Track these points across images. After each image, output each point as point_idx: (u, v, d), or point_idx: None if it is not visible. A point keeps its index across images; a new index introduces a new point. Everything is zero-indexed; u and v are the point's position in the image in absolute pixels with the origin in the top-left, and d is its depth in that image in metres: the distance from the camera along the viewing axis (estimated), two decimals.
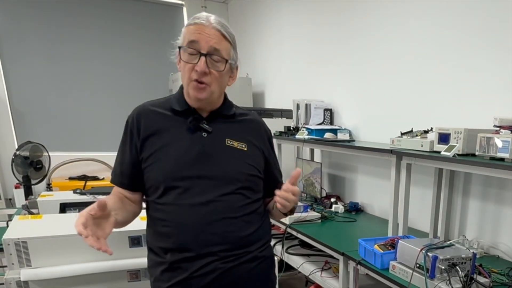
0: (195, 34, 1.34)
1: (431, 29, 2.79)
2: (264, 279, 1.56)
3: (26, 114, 5.16)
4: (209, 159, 1.41)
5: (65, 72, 5.25)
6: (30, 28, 5.02)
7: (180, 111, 1.44)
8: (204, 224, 1.38)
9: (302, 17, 4.31)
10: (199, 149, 1.40)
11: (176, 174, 1.38)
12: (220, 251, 1.39)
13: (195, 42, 1.34)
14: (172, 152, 1.39)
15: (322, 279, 2.82)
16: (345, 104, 3.79)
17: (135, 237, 2.03)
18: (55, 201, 2.83)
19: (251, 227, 1.47)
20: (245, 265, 1.45)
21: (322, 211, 3.39)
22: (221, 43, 1.37)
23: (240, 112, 1.56)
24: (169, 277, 1.41)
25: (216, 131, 1.44)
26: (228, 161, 1.43)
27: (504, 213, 2.44)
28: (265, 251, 1.54)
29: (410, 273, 1.93)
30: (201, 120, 1.44)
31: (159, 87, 5.65)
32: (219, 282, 1.40)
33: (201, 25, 1.35)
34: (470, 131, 2.16)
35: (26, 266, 1.82)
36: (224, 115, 1.49)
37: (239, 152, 1.46)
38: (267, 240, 1.57)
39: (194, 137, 1.42)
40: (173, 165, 1.39)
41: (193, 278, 1.38)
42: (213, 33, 1.35)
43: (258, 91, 5.33)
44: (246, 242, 1.45)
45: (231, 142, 1.46)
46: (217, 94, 1.44)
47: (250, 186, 1.46)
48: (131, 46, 5.57)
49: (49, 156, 4.72)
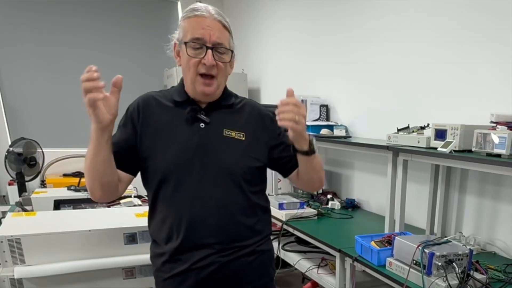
0: (198, 30, 1.34)
1: (428, 25, 2.78)
2: (262, 272, 1.56)
3: (19, 110, 5.11)
4: (207, 150, 1.41)
5: (58, 68, 5.19)
6: (23, 23, 4.96)
7: (180, 102, 1.44)
8: (201, 216, 1.39)
9: (298, 13, 4.29)
10: (197, 140, 1.40)
11: (174, 165, 1.39)
12: (216, 243, 1.40)
13: (200, 38, 1.34)
14: (170, 143, 1.40)
15: (318, 276, 2.81)
16: (342, 100, 3.78)
17: (130, 234, 2.02)
18: (49, 198, 2.82)
19: (249, 220, 1.47)
20: (243, 258, 1.46)
21: (318, 207, 3.38)
22: (223, 34, 1.38)
23: (239, 100, 1.55)
24: (169, 268, 1.44)
25: (214, 122, 1.44)
26: (225, 152, 1.43)
27: (501, 209, 2.44)
28: (263, 245, 1.54)
29: (407, 269, 1.92)
30: (199, 110, 1.44)
31: (154, 83, 5.60)
32: (218, 275, 1.42)
33: (202, 17, 1.35)
34: (467, 127, 2.15)
35: (20, 264, 1.81)
36: (223, 105, 1.49)
37: (237, 142, 1.45)
38: (266, 234, 1.57)
39: (192, 128, 1.42)
40: (171, 156, 1.39)
41: (192, 270, 1.41)
42: (215, 24, 1.36)
43: (254, 87, 5.31)
44: (244, 235, 1.46)
45: (229, 132, 1.45)
46: (222, 86, 1.45)
47: (248, 178, 1.45)
48: (125, 42, 5.52)
49: (42, 152, 4.68)
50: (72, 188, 3.16)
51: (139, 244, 2.01)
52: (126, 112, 1.46)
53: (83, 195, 3.03)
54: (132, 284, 2.02)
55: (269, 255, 1.59)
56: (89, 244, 1.93)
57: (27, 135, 4.67)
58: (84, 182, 4.14)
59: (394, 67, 3.10)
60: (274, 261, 1.66)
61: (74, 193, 3.05)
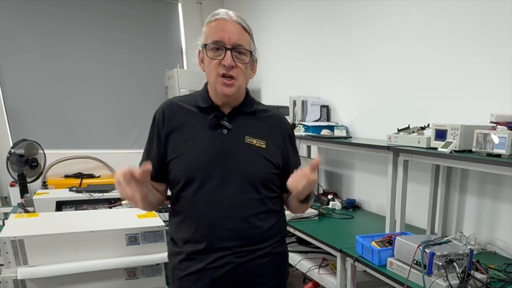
0: (217, 32, 1.38)
1: (427, 26, 2.78)
2: (276, 274, 1.60)
3: (20, 112, 5.12)
4: (228, 156, 1.45)
5: (60, 69, 5.21)
6: (25, 25, 4.97)
7: (204, 108, 1.48)
8: (220, 219, 1.44)
9: (298, 14, 4.30)
10: (219, 146, 1.45)
11: (196, 169, 1.43)
12: (234, 246, 1.45)
13: (219, 40, 1.38)
14: (193, 148, 1.44)
15: (319, 276, 2.82)
16: (342, 100, 3.79)
17: (132, 235, 2.03)
18: (51, 199, 2.83)
19: (266, 224, 1.52)
20: (258, 260, 1.51)
21: (319, 208, 3.38)
22: (243, 36, 1.42)
23: (262, 108, 1.59)
24: (185, 266, 1.49)
25: (236, 128, 1.48)
26: (246, 159, 1.47)
27: (501, 209, 2.44)
28: (279, 247, 1.59)
29: (407, 269, 1.93)
30: (223, 117, 1.48)
31: (155, 84, 5.63)
32: (232, 275, 1.47)
33: (222, 20, 1.39)
34: (467, 128, 2.16)
35: (23, 265, 1.82)
36: (246, 112, 1.53)
37: (258, 149, 1.49)
38: (281, 236, 1.62)
39: (214, 134, 1.46)
40: (193, 160, 1.43)
41: (207, 269, 1.46)
42: (234, 26, 1.40)
43: (254, 88, 5.31)
44: (260, 238, 1.51)
45: (251, 139, 1.49)
46: (243, 88, 1.49)
47: (267, 183, 1.50)
48: (126, 43, 5.53)
49: (44, 153, 4.70)
50: (73, 190, 3.17)
51: (141, 245, 2.02)
52: (153, 120, 1.51)
53: (84, 196, 3.04)
54: (134, 285, 2.04)
55: (284, 257, 1.65)
56: (92, 245, 1.94)
57: (28, 137, 4.70)
58: (85, 184, 4.17)
59: (394, 68, 3.11)
60: (288, 263, 1.70)
61: (76, 194, 3.06)
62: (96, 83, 5.42)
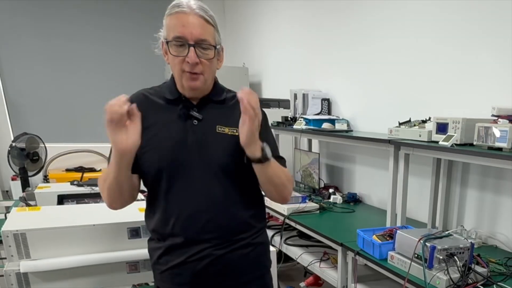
0: (178, 27, 1.32)
1: (430, 19, 2.77)
2: (258, 264, 1.58)
3: (21, 105, 5.12)
4: (201, 147, 1.41)
5: (60, 63, 5.21)
6: (25, 19, 4.96)
7: (172, 100, 1.43)
8: (196, 212, 1.41)
9: (299, 6, 4.28)
10: (190, 137, 1.41)
11: (168, 162, 1.39)
12: (213, 238, 1.43)
13: (181, 36, 1.32)
14: (164, 140, 1.40)
15: (320, 269, 2.83)
16: (343, 94, 3.78)
17: (134, 228, 2.02)
18: (52, 193, 2.83)
19: (244, 214, 1.49)
20: (238, 251, 1.48)
21: (320, 202, 3.39)
22: (206, 30, 1.35)
23: (231, 95, 1.52)
24: (166, 260, 1.47)
25: (206, 118, 1.44)
26: (218, 148, 1.43)
27: (502, 203, 2.44)
28: (259, 237, 1.56)
29: (408, 263, 1.93)
30: (192, 107, 1.43)
31: (155, 77, 5.58)
32: (214, 267, 1.44)
33: (182, 13, 1.32)
34: (468, 121, 2.16)
35: (25, 258, 1.82)
36: (215, 101, 1.48)
37: (230, 138, 1.43)
38: (261, 226, 1.58)
39: (185, 125, 1.42)
40: (165, 153, 1.39)
41: (188, 262, 1.43)
42: (196, 20, 1.33)
43: (255, 81, 5.30)
44: (239, 229, 1.48)
45: (222, 128, 1.44)
46: (210, 81, 1.44)
47: (242, 172, 1.44)
48: (126, 37, 5.52)
49: (45, 147, 4.70)
50: (75, 183, 3.17)
51: (142, 238, 2.02)
52: None
53: (86, 190, 3.04)
54: (136, 278, 2.03)
55: (265, 247, 1.61)
56: (94, 239, 1.94)
57: (29, 130, 4.70)
58: (86, 177, 4.17)
59: (396, 61, 3.10)
60: (269, 252, 1.67)
61: (77, 188, 3.06)
62: (97, 77, 5.41)
